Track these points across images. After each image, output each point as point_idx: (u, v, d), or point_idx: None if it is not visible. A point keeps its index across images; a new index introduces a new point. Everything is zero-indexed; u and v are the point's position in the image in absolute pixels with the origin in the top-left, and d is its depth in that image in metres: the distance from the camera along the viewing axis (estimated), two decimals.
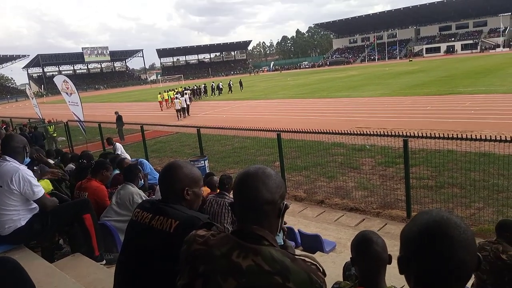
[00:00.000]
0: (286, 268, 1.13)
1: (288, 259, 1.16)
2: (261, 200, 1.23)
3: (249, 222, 1.24)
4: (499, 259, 2.91)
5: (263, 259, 1.15)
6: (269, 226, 1.25)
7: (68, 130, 14.84)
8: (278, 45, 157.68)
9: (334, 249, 5.43)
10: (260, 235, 1.21)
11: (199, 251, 1.26)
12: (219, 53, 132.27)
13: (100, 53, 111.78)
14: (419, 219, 1.03)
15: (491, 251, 2.98)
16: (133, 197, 3.86)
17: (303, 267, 1.16)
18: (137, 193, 3.95)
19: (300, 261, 1.18)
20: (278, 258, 1.15)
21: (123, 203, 3.90)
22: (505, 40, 79.86)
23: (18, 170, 3.19)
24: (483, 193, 6.94)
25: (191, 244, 1.29)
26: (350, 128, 11.52)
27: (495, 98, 18.47)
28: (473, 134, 6.80)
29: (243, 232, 1.23)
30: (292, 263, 1.15)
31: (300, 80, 50.26)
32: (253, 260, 1.16)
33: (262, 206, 1.23)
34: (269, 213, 1.25)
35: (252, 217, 1.24)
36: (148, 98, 44.97)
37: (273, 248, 1.19)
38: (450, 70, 38.21)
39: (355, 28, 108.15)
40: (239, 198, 1.29)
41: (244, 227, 1.24)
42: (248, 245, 1.19)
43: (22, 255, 3.23)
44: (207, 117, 22.89)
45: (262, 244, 1.19)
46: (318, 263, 1.22)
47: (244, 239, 1.21)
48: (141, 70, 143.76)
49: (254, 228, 1.22)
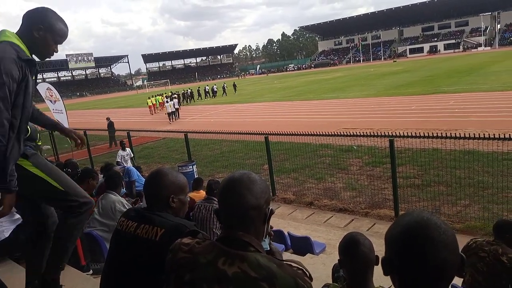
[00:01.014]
0: (272, 274, 1.13)
1: (274, 264, 1.15)
2: (246, 206, 1.22)
3: (234, 228, 1.23)
4: (499, 261, 2.82)
5: (249, 266, 1.14)
6: (255, 231, 1.24)
7: (53, 138, 14.60)
8: (264, 48, 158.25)
9: (324, 250, 5.44)
10: (246, 241, 1.20)
11: (184, 259, 1.24)
12: (205, 57, 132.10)
13: (84, 60, 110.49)
14: (401, 220, 1.03)
15: (490, 252, 2.89)
16: (115, 206, 3.83)
17: (290, 272, 1.15)
18: (119, 201, 3.92)
19: (287, 266, 1.17)
20: (264, 264, 1.15)
21: (105, 212, 3.87)
22: (487, 39, 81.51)
23: None
24: (469, 190, 7.04)
25: (176, 252, 1.28)
26: (337, 129, 11.59)
27: (478, 96, 18.80)
28: (458, 132, 6.90)
29: (228, 239, 1.22)
30: (279, 269, 1.14)
31: (287, 83, 50.44)
32: (239, 267, 1.15)
33: (248, 212, 1.22)
34: (255, 218, 1.24)
35: (238, 223, 1.23)
36: (134, 104, 44.65)
37: (259, 254, 1.18)
38: (433, 70, 38.78)
39: (339, 30, 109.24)
40: (224, 204, 1.27)
41: (229, 233, 1.23)
42: (234, 251, 1.18)
43: (6, 268, 3.17)
44: (194, 122, 22.79)
45: (248, 250, 1.18)
46: (304, 267, 1.21)
47: (230, 246, 1.19)
48: (126, 76, 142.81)
49: (240, 234, 1.21)
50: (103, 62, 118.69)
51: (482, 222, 6.01)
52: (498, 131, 8.65)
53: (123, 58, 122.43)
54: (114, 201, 3.89)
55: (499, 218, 5.93)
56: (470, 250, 2.99)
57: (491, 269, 2.84)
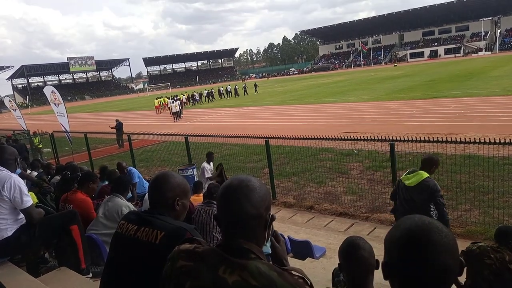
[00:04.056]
0: (273, 283, 1.12)
1: (275, 273, 1.14)
2: (246, 216, 1.21)
3: (235, 236, 1.22)
4: (507, 270, 2.74)
5: (249, 274, 1.13)
6: (256, 238, 1.23)
7: (54, 141, 14.62)
8: (265, 52, 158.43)
9: (324, 254, 5.42)
10: (246, 248, 1.19)
11: (185, 267, 1.23)
12: (206, 61, 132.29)
13: (85, 63, 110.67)
14: (401, 224, 1.03)
15: (496, 260, 2.79)
16: (121, 210, 3.74)
17: (290, 281, 1.14)
18: (126, 206, 3.85)
19: (287, 275, 1.16)
20: (265, 273, 1.13)
21: (111, 215, 3.80)
22: (487, 44, 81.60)
23: (10, 177, 3.25)
24: (469, 194, 7.03)
25: (176, 260, 1.27)
26: (337, 134, 11.60)
27: (479, 100, 18.80)
28: (458, 137, 6.91)
29: (229, 247, 1.21)
30: (279, 277, 1.13)
31: (287, 87, 50.53)
32: (239, 275, 1.14)
33: (248, 222, 1.21)
34: (255, 226, 1.23)
35: (238, 231, 1.22)
36: (135, 107, 44.70)
37: (260, 262, 1.17)
38: (434, 74, 38.81)
39: (340, 34, 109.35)
40: (223, 212, 1.26)
41: (230, 241, 1.22)
42: (234, 260, 1.17)
43: (6, 271, 3.16)
44: (195, 125, 22.81)
45: (248, 258, 1.17)
46: (305, 276, 1.20)
47: (231, 254, 1.18)
48: (127, 79, 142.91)
49: (241, 242, 1.20)
50: (104, 65, 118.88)
51: (482, 227, 6.00)
52: (498, 135, 8.66)
53: (124, 62, 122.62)
54: (121, 205, 3.82)
55: (500, 223, 5.93)
56: (474, 256, 2.91)
57: (498, 277, 2.76)
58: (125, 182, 4.20)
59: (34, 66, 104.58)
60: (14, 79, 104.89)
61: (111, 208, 3.85)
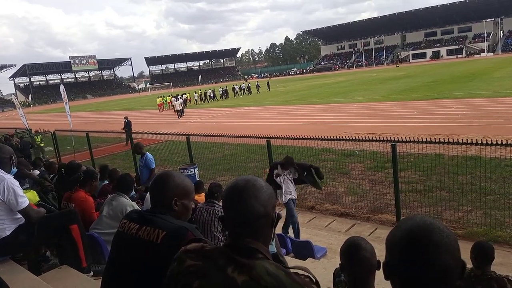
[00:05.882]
0: (281, 283, 1.12)
1: (282, 272, 1.14)
2: (254, 215, 1.21)
3: (242, 235, 1.21)
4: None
5: (258, 274, 1.13)
6: (263, 238, 1.24)
7: (56, 140, 14.64)
8: (267, 52, 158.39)
9: (325, 255, 5.42)
10: (254, 248, 1.19)
11: (194, 266, 1.23)
12: (208, 61, 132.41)
13: (87, 62, 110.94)
14: (403, 225, 1.03)
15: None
16: (126, 210, 3.72)
17: (298, 281, 1.14)
18: (130, 206, 3.83)
19: (294, 274, 1.16)
20: (273, 273, 1.13)
21: (115, 214, 3.78)
22: (489, 45, 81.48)
23: (3, 179, 3.19)
24: (471, 196, 7.01)
25: (184, 260, 1.26)
26: (339, 134, 11.59)
27: (481, 102, 18.77)
28: (460, 138, 6.89)
29: (237, 246, 1.21)
30: (287, 277, 1.13)
31: (289, 87, 50.52)
32: (248, 275, 1.14)
33: (256, 221, 1.21)
34: (263, 225, 1.23)
35: (245, 231, 1.22)
36: (137, 107, 44.73)
37: (267, 262, 1.18)
38: (436, 75, 38.75)
39: (342, 34, 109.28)
40: (231, 213, 1.25)
41: (237, 241, 1.22)
42: (242, 260, 1.17)
43: (8, 269, 3.17)
44: (196, 124, 22.82)
45: (256, 258, 1.17)
46: (311, 274, 1.20)
47: (238, 253, 1.18)
48: (129, 78, 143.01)
49: (248, 241, 1.20)
50: (106, 65, 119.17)
51: (484, 228, 5.99)
52: (500, 137, 8.64)
53: (126, 61, 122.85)
54: (126, 205, 3.80)
55: (501, 225, 5.92)
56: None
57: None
58: (128, 181, 4.19)
59: (37, 65, 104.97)
60: (16, 77, 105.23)
61: (115, 207, 3.84)
